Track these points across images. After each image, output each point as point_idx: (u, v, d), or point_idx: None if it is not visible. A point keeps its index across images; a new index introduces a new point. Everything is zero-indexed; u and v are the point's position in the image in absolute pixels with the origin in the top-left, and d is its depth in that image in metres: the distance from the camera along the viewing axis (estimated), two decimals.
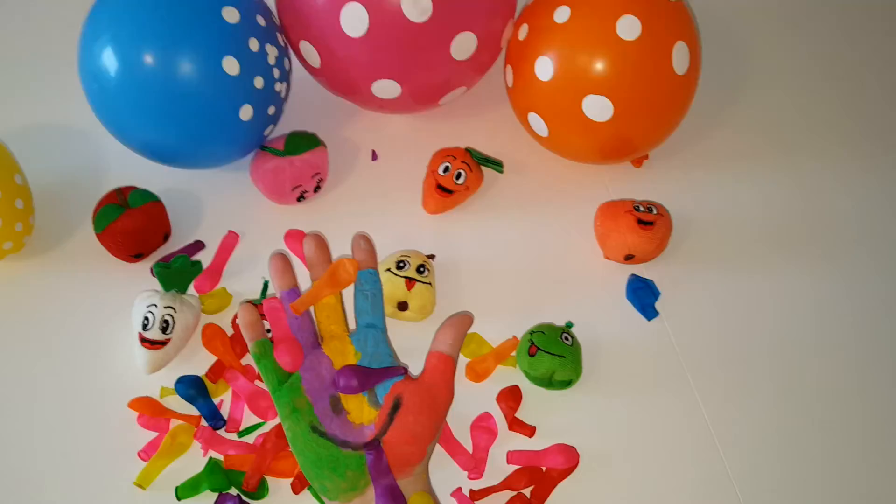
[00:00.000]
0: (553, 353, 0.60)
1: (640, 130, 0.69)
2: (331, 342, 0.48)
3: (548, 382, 0.61)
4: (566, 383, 0.61)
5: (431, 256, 0.68)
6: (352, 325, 0.50)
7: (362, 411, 0.46)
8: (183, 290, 0.66)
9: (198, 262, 0.69)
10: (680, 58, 0.65)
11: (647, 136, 0.70)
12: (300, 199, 0.73)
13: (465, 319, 0.50)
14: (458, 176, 0.72)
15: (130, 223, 0.66)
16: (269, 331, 0.49)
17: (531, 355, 0.60)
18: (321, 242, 0.51)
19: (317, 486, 0.45)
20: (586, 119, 0.66)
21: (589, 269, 0.70)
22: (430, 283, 0.65)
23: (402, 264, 0.65)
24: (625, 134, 0.68)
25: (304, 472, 0.45)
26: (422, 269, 0.65)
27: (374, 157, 0.79)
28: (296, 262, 0.69)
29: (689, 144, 0.79)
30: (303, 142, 0.72)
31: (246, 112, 0.66)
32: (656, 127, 0.70)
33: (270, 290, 0.68)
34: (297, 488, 0.58)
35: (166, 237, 0.71)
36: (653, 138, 0.71)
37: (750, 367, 0.64)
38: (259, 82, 0.65)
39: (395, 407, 0.45)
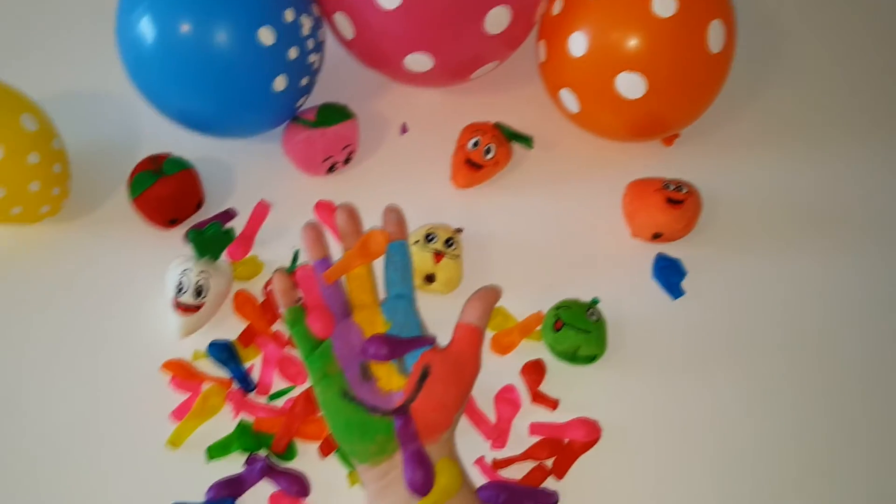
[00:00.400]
0: (578, 328, 0.60)
1: (673, 109, 0.69)
2: (361, 311, 0.49)
3: (572, 357, 0.61)
4: (590, 359, 0.61)
5: (459, 230, 0.69)
6: (381, 296, 0.51)
7: (391, 379, 0.47)
8: (216, 256, 0.67)
9: (230, 230, 0.70)
10: (715, 36, 0.65)
11: (678, 115, 0.70)
12: (330, 170, 0.74)
13: (493, 293, 0.51)
14: (488, 151, 0.72)
15: (165, 190, 0.68)
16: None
17: (556, 330, 0.61)
18: (353, 213, 0.52)
19: (346, 449, 0.46)
20: (618, 96, 0.66)
21: (616, 247, 0.70)
22: (457, 257, 0.66)
23: (430, 237, 0.66)
24: (657, 112, 0.68)
25: (334, 436, 0.47)
26: (450, 242, 0.66)
27: (404, 130, 0.80)
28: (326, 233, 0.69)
29: (721, 124, 0.78)
30: (334, 113, 0.72)
31: (280, 83, 0.66)
32: (689, 105, 0.70)
33: (301, 260, 0.69)
34: (324, 451, 0.59)
35: (199, 205, 0.72)
36: (685, 117, 0.71)
37: (774, 350, 0.64)
38: (293, 53, 0.66)
39: (424, 375, 0.46)
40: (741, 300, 0.67)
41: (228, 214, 0.72)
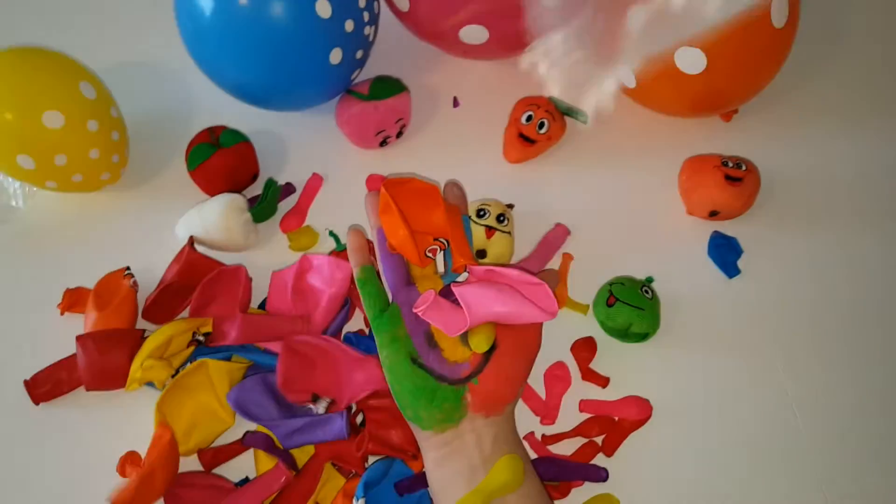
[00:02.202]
0: (632, 305, 0.60)
1: (733, 84, 0.67)
2: (423, 282, 0.50)
3: (623, 334, 0.61)
4: (642, 336, 0.61)
5: (511, 206, 0.69)
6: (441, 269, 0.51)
7: (455, 350, 0.48)
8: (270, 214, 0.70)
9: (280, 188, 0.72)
10: (779, 10, 0.63)
11: (738, 91, 0.68)
12: (383, 144, 0.74)
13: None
14: (541, 125, 0.71)
15: (222, 162, 0.69)
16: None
17: (609, 305, 0.61)
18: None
19: (410, 414, 0.47)
20: (677, 71, 0.65)
21: (671, 224, 0.69)
22: (509, 233, 0.65)
23: (481, 212, 0.65)
24: (716, 88, 0.66)
25: (399, 402, 0.47)
26: (501, 218, 0.65)
27: (456, 103, 0.79)
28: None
29: (781, 99, 0.76)
30: (387, 87, 0.72)
31: (336, 55, 0.66)
32: (749, 81, 0.68)
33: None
34: None
35: (254, 177, 0.73)
36: (745, 93, 0.69)
37: (832, 333, 0.62)
38: (349, 25, 0.66)
39: (492, 348, 0.47)
40: (798, 280, 0.65)
41: (287, 189, 0.73)
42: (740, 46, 0.63)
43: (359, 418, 0.58)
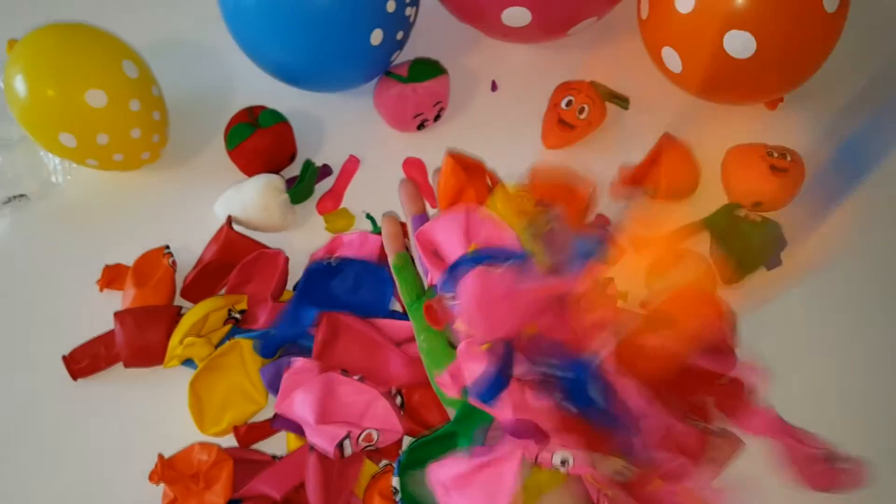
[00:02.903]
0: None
1: (781, 71, 0.65)
2: None
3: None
4: None
5: None
6: None
7: None
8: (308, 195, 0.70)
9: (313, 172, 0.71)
10: None
11: (787, 77, 0.67)
12: (420, 127, 0.74)
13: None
14: (581, 110, 0.70)
15: (261, 142, 0.69)
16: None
17: None
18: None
19: (447, 401, 0.47)
20: (726, 56, 0.63)
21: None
22: None
23: None
24: (765, 73, 0.65)
25: (436, 386, 0.47)
26: None
27: (494, 87, 0.78)
28: None
29: (828, 87, 0.74)
30: (426, 69, 0.72)
31: (376, 36, 0.66)
32: (798, 68, 0.66)
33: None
34: None
35: (292, 158, 0.73)
36: (793, 79, 0.67)
37: (875, 328, 0.61)
38: (391, 6, 0.65)
39: None
40: (846, 273, 0.64)
41: (324, 171, 0.73)
42: (791, 30, 0.62)
43: (398, 400, 0.58)
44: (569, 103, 0.70)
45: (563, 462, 0.41)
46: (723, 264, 0.63)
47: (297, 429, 0.55)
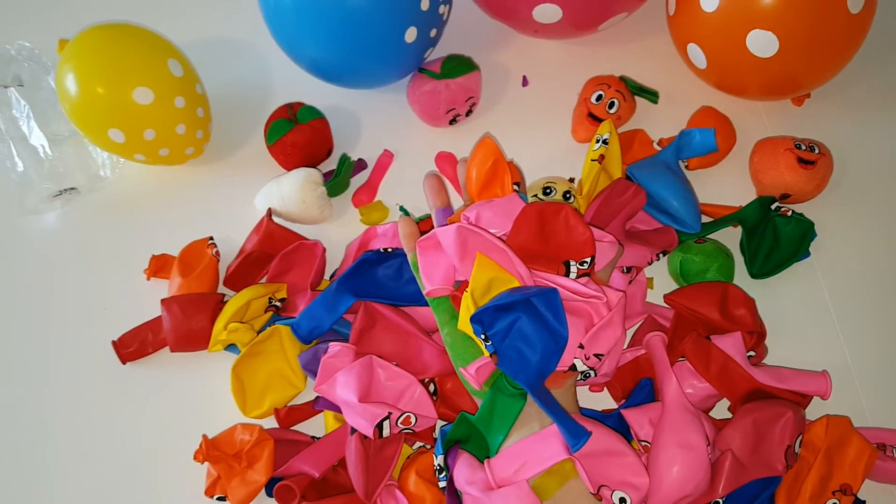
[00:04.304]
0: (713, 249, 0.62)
1: (805, 69, 0.66)
2: None
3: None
4: None
5: (572, 180, 0.69)
6: None
7: None
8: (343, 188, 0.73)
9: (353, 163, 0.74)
10: None
11: (811, 76, 0.67)
12: (452, 122, 0.76)
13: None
14: (611, 105, 0.71)
15: (300, 137, 0.71)
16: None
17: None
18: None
19: (474, 391, 0.49)
20: (749, 54, 0.64)
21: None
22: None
23: (548, 190, 0.66)
24: (788, 72, 0.65)
25: (462, 378, 0.49)
26: (567, 195, 0.66)
27: (525, 82, 0.80)
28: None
29: (854, 84, 0.74)
30: (459, 65, 0.73)
31: (411, 34, 0.68)
32: (822, 67, 0.66)
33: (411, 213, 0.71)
34: None
35: (329, 152, 0.75)
36: (817, 78, 0.68)
37: None
38: (425, 4, 0.67)
39: None
40: (869, 266, 0.64)
41: (359, 165, 0.75)
42: (813, 31, 0.62)
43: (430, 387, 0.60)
44: (599, 98, 0.72)
45: (622, 501, 0.44)
46: (754, 257, 0.64)
47: (339, 409, 0.58)
